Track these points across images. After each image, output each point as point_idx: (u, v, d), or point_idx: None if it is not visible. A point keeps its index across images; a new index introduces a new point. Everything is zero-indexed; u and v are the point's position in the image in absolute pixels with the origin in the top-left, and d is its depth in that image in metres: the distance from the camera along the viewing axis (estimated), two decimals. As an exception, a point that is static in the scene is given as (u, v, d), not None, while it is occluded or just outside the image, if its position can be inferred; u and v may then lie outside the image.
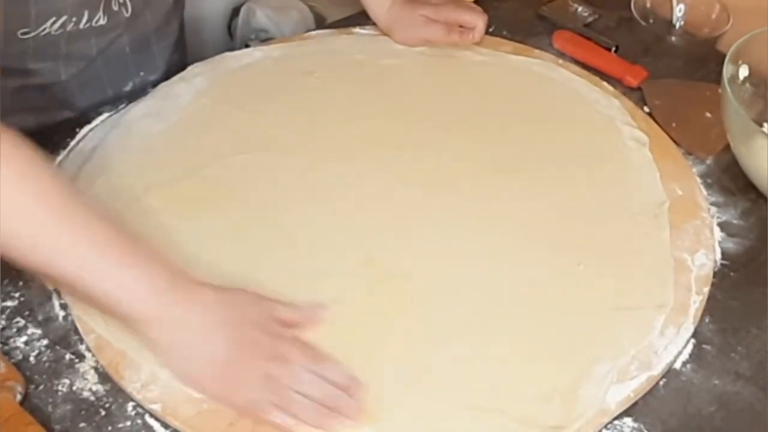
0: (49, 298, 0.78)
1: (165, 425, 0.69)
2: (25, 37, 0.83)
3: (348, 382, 0.67)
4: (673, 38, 1.11)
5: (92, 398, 0.70)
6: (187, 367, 0.68)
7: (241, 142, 0.91)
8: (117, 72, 0.98)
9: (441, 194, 0.86)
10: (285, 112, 0.96)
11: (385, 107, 0.97)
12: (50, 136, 0.93)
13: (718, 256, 0.83)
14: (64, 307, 0.77)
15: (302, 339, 0.70)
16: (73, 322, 0.75)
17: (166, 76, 1.01)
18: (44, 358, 0.73)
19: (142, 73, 1.01)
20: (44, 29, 0.84)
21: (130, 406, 0.70)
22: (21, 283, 0.79)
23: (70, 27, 0.86)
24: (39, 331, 0.75)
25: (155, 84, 1.00)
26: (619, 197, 0.87)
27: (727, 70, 0.88)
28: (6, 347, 0.73)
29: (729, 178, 0.92)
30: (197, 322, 0.68)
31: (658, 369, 0.72)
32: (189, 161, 0.89)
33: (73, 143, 0.93)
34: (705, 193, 0.90)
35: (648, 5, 1.11)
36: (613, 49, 1.08)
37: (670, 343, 0.74)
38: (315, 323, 0.72)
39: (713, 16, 1.09)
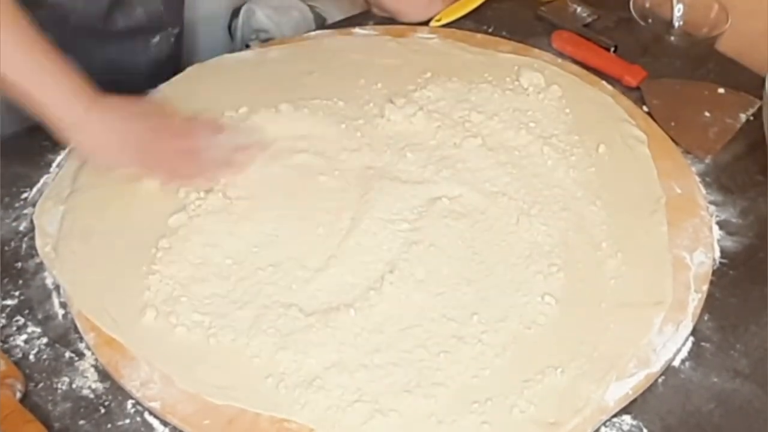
0: (49, 297, 0.78)
1: (164, 423, 0.69)
2: None
3: (248, 135, 0.87)
4: (672, 38, 1.11)
5: (92, 396, 0.71)
6: (116, 156, 0.82)
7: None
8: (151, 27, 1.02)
9: (440, 188, 0.86)
10: (285, 112, 0.96)
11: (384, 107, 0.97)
12: (50, 136, 0.93)
13: (717, 254, 0.83)
14: (63, 305, 0.77)
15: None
16: (72, 320, 0.76)
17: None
18: (44, 357, 0.73)
19: (169, 28, 1.04)
20: None
21: (129, 403, 0.70)
22: (21, 282, 0.79)
23: None
24: (39, 330, 0.75)
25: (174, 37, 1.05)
26: (616, 194, 0.87)
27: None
28: (6, 345, 0.74)
29: (728, 176, 0.92)
30: (115, 118, 0.82)
31: (656, 366, 0.72)
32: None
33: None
34: (704, 191, 0.90)
35: (647, 5, 1.11)
36: (612, 49, 1.08)
37: (669, 341, 0.74)
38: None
39: (712, 15, 1.09)
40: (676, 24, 1.12)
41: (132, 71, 1.00)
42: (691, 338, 0.76)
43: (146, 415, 0.70)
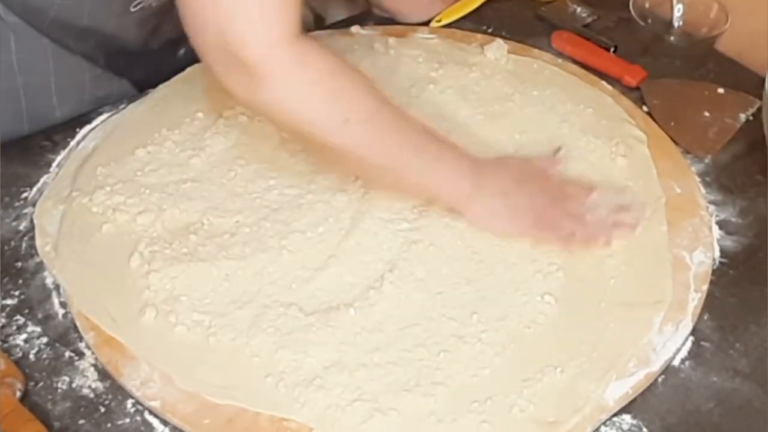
0: (49, 296, 0.78)
1: (164, 422, 0.69)
2: None
3: (624, 201, 0.85)
4: (672, 38, 1.11)
5: (91, 395, 0.71)
6: (509, 223, 0.82)
7: (241, 143, 0.92)
8: None
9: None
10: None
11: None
12: (50, 136, 0.93)
13: (717, 253, 0.83)
14: (63, 305, 0.77)
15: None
16: (72, 319, 0.76)
17: None
18: (44, 356, 0.73)
19: None
20: None
21: (129, 403, 0.70)
22: (21, 281, 0.79)
23: None
24: (39, 329, 0.75)
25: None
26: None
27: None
28: (6, 345, 0.74)
29: (727, 176, 0.92)
30: (500, 188, 0.82)
31: (656, 366, 0.72)
32: (190, 161, 0.89)
33: (73, 143, 0.93)
34: (704, 191, 0.90)
35: (647, 5, 1.11)
36: (612, 49, 1.08)
37: (669, 340, 0.74)
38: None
39: (712, 15, 1.09)
40: (676, 24, 1.12)
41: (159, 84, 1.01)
42: (691, 338, 0.76)
43: (146, 414, 0.69)
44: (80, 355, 0.73)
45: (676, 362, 0.74)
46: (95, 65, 0.96)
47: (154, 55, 1.02)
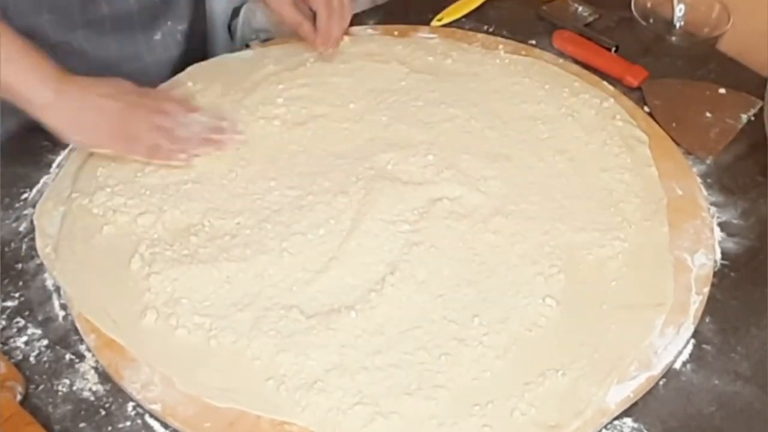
0: (49, 298, 0.78)
1: (165, 425, 0.69)
2: None
3: (220, 118, 0.90)
4: (674, 38, 1.11)
5: (92, 398, 0.71)
6: (89, 136, 0.83)
7: (242, 144, 0.91)
8: (147, 19, 1.00)
9: (440, 189, 0.86)
10: (285, 112, 0.95)
11: (383, 107, 0.97)
12: (50, 136, 0.92)
13: (718, 255, 0.83)
14: (64, 307, 0.77)
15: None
16: (73, 322, 0.75)
17: (190, 28, 1.04)
18: (44, 359, 0.73)
19: (169, 23, 1.02)
20: None
21: (129, 406, 0.70)
22: (21, 283, 0.79)
23: None
24: (39, 332, 0.75)
25: (181, 35, 1.03)
26: (617, 195, 0.87)
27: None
28: (6, 347, 0.74)
29: (729, 177, 0.92)
30: (87, 99, 0.83)
31: (657, 369, 0.72)
32: (190, 162, 0.89)
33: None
34: (705, 192, 0.90)
35: (648, 5, 1.11)
36: (613, 49, 1.08)
37: (670, 343, 0.74)
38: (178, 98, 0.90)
39: (713, 16, 1.09)
40: (678, 24, 1.12)
41: (137, 72, 0.99)
42: (692, 340, 0.76)
43: (147, 417, 0.69)
44: (81, 357, 0.73)
45: (677, 365, 0.74)
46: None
47: (114, 36, 0.98)
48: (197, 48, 1.09)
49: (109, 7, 0.95)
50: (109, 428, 0.69)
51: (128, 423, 0.69)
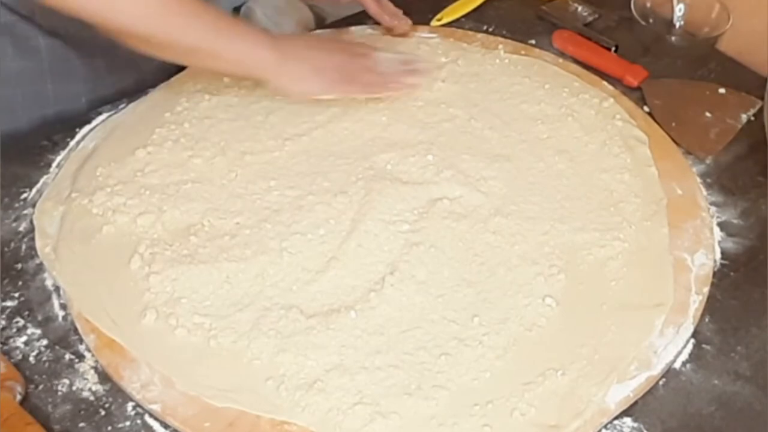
0: (49, 298, 0.78)
1: (164, 425, 0.69)
2: None
3: (406, 56, 1.01)
4: (673, 38, 1.11)
5: (92, 398, 0.71)
6: (314, 86, 0.91)
7: (241, 144, 0.91)
8: None
9: (441, 189, 0.86)
10: (285, 112, 0.95)
11: (383, 106, 0.97)
12: (50, 136, 0.93)
13: (718, 255, 0.83)
14: (63, 307, 0.77)
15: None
16: (72, 322, 0.75)
17: None
18: (44, 358, 0.73)
19: None
20: None
21: (129, 406, 0.70)
22: (20, 283, 0.79)
23: None
24: (39, 331, 0.75)
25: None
26: (617, 195, 0.87)
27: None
28: (6, 347, 0.74)
29: (729, 177, 0.92)
30: (302, 55, 0.91)
31: (657, 369, 0.72)
32: (190, 161, 0.89)
33: (72, 143, 0.93)
34: (705, 192, 0.90)
35: (648, 5, 1.11)
36: (613, 48, 1.08)
37: (670, 343, 0.74)
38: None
39: (713, 15, 1.09)
40: (677, 24, 1.12)
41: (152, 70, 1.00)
42: (692, 340, 0.76)
43: (146, 417, 0.69)
44: (80, 357, 0.73)
45: (677, 365, 0.74)
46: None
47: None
48: None
49: None
50: (109, 428, 0.69)
51: (128, 423, 0.69)
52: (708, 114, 0.99)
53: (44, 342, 0.74)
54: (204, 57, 0.86)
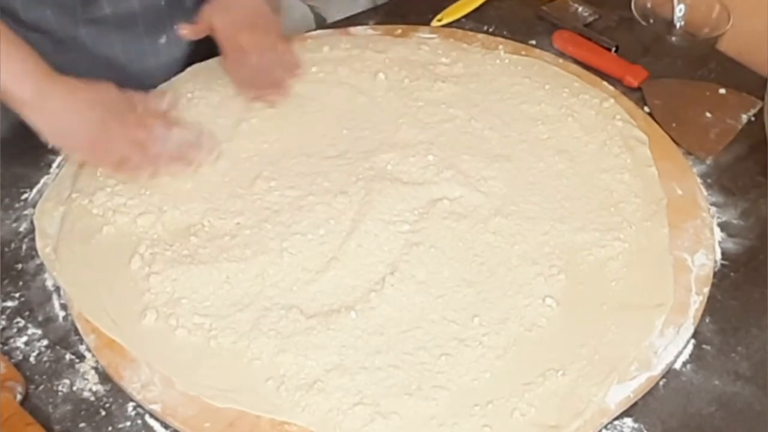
0: (49, 299, 0.78)
1: (165, 425, 0.69)
2: None
3: (199, 135, 0.88)
4: (674, 38, 1.11)
5: (92, 398, 0.71)
6: (67, 140, 0.82)
7: (242, 144, 0.91)
8: (151, 21, 0.98)
9: (441, 189, 0.86)
10: (285, 112, 0.95)
11: (384, 106, 0.97)
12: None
13: (718, 256, 0.83)
14: (64, 307, 0.77)
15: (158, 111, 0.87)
16: (73, 322, 0.76)
17: None
18: (44, 359, 0.73)
19: (175, 27, 0.99)
20: None
21: (130, 406, 0.70)
22: (21, 284, 0.79)
23: None
24: (39, 332, 0.75)
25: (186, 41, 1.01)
26: (617, 195, 0.87)
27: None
28: (6, 347, 0.74)
29: (729, 178, 0.92)
30: (68, 101, 0.81)
31: (658, 369, 0.72)
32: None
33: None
34: (705, 193, 0.90)
35: (648, 5, 1.11)
36: (613, 49, 1.08)
37: (670, 344, 0.74)
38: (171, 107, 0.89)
39: (713, 16, 1.09)
40: (678, 24, 1.12)
41: (141, 73, 0.99)
42: (692, 341, 0.76)
43: (147, 417, 0.69)
44: (81, 357, 0.73)
45: (677, 365, 0.74)
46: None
47: (119, 37, 0.97)
48: (203, 51, 1.08)
49: (112, 8, 0.95)
50: (109, 428, 0.69)
51: (128, 423, 0.69)
52: (708, 114, 0.99)
53: (45, 342, 0.74)
54: None
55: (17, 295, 0.78)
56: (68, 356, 0.73)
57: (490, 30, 1.12)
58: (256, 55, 0.94)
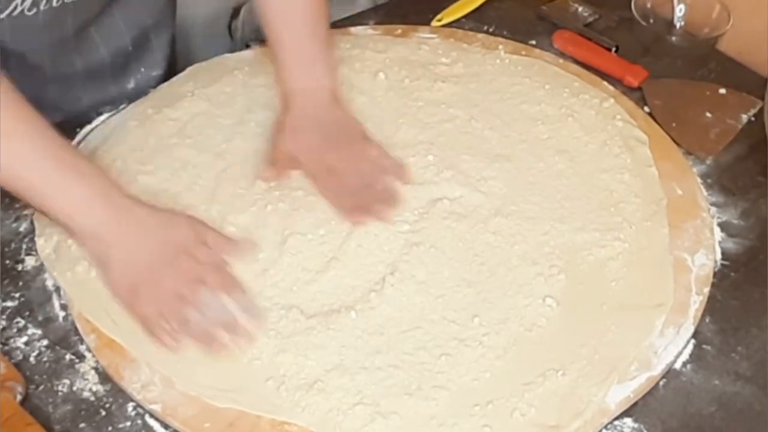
0: (50, 299, 0.78)
1: (165, 425, 0.69)
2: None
3: (248, 314, 0.73)
4: (674, 38, 1.11)
5: (92, 398, 0.71)
6: (111, 276, 0.74)
7: (243, 144, 0.91)
8: (119, 67, 0.97)
9: (441, 189, 0.86)
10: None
11: (384, 106, 0.97)
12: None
13: (719, 256, 0.83)
14: (64, 307, 0.77)
15: (227, 269, 0.76)
16: (73, 322, 0.75)
17: (165, 73, 1.02)
18: (44, 359, 0.73)
19: (143, 69, 1.00)
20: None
21: (130, 406, 0.70)
22: (21, 283, 0.79)
23: (43, 5, 0.80)
24: (39, 332, 0.75)
25: (156, 81, 1.01)
26: (617, 195, 0.87)
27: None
28: (6, 347, 0.74)
29: (729, 178, 0.92)
30: (130, 237, 0.74)
31: (658, 369, 0.72)
32: (190, 161, 0.89)
33: (73, 143, 0.92)
34: (705, 193, 0.90)
35: (648, 5, 1.11)
36: (614, 49, 1.08)
37: (670, 344, 0.74)
38: (245, 254, 0.78)
39: (714, 16, 1.09)
40: (678, 24, 1.12)
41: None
42: (693, 341, 0.76)
43: (147, 417, 0.69)
44: (81, 357, 0.73)
45: (677, 365, 0.74)
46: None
47: (82, 84, 0.95)
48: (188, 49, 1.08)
49: (82, 61, 0.92)
50: (109, 428, 0.69)
51: (128, 423, 0.69)
52: (708, 114, 0.99)
53: (45, 342, 0.74)
54: (27, 195, 0.74)
55: (17, 295, 0.78)
56: (68, 356, 0.73)
57: (490, 30, 1.12)
58: (353, 173, 0.84)
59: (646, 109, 1.00)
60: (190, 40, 1.17)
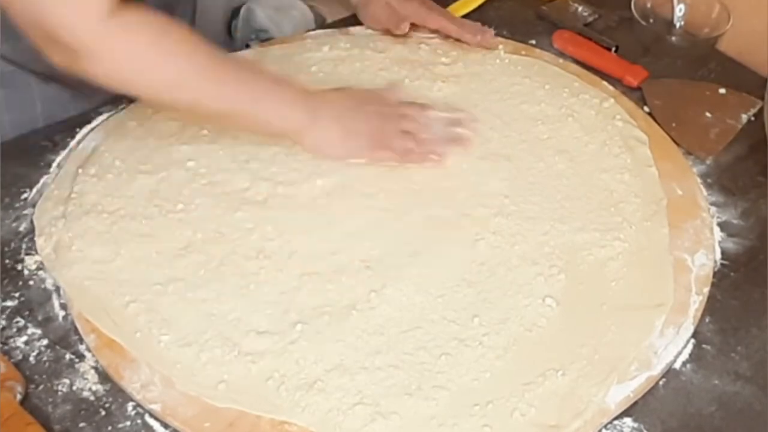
0: (49, 298, 0.78)
1: (165, 425, 0.69)
2: None
3: (457, 116, 0.92)
4: (674, 38, 1.11)
5: (92, 398, 0.70)
6: (346, 150, 0.87)
7: (244, 144, 0.91)
8: None
9: (440, 190, 0.86)
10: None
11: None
12: (50, 136, 0.93)
13: (718, 256, 0.83)
14: (63, 307, 0.77)
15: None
16: (72, 322, 0.75)
17: None
18: (44, 358, 0.73)
19: None
20: None
21: (130, 406, 0.70)
22: (21, 283, 0.79)
23: None
24: (39, 331, 0.75)
25: None
26: (617, 195, 0.87)
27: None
28: (6, 347, 0.74)
29: (729, 178, 0.92)
30: (336, 117, 0.86)
31: (657, 369, 0.72)
32: (191, 161, 0.89)
33: (73, 143, 0.93)
34: (705, 193, 0.90)
35: (648, 5, 1.11)
36: (613, 49, 1.08)
37: (670, 343, 0.74)
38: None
39: (713, 15, 1.09)
40: (678, 24, 1.12)
41: None
42: (692, 340, 0.76)
43: (147, 417, 0.69)
44: (81, 357, 0.73)
45: (677, 365, 0.74)
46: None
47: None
48: None
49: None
50: (109, 428, 0.69)
51: (128, 423, 0.69)
52: (708, 114, 0.99)
53: (44, 342, 0.74)
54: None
55: (17, 294, 0.78)
56: (68, 356, 0.73)
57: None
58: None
59: (646, 109, 1.00)
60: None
